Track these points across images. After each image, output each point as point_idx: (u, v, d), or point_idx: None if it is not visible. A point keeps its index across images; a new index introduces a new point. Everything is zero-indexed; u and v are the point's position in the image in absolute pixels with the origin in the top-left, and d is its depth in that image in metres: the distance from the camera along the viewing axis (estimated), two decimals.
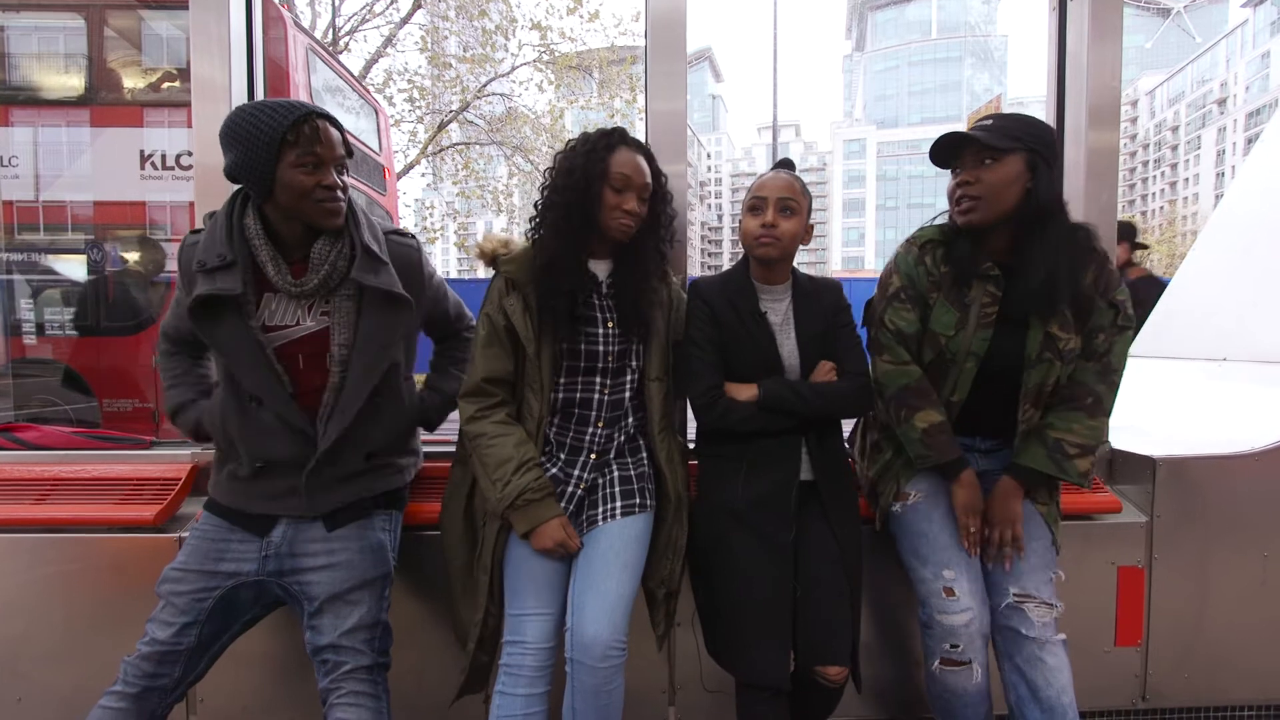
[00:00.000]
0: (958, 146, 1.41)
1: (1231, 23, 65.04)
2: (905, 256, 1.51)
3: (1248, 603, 1.81)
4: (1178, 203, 64.35)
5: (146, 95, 4.16)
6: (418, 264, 1.44)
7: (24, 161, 4.03)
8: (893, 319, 1.48)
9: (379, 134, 5.95)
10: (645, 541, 1.42)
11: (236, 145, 1.21)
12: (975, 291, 1.43)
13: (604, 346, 1.43)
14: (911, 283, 1.48)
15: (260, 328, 1.28)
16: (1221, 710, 1.86)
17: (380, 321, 1.32)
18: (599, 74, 11.52)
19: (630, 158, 1.39)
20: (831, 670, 1.35)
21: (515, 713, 1.27)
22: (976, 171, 1.38)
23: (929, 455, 1.43)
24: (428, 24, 10.97)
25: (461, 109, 11.33)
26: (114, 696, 1.25)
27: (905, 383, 1.46)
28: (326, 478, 1.33)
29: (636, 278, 1.43)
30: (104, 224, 4.08)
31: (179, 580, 1.30)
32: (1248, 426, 1.94)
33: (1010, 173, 1.36)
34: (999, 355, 1.43)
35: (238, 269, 1.24)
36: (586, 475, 1.43)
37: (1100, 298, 1.41)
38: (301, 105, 1.22)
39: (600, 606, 1.28)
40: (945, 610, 1.37)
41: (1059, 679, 1.34)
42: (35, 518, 1.68)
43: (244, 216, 1.27)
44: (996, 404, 1.46)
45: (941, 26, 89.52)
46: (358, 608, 1.32)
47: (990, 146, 1.35)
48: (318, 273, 1.27)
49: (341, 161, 1.27)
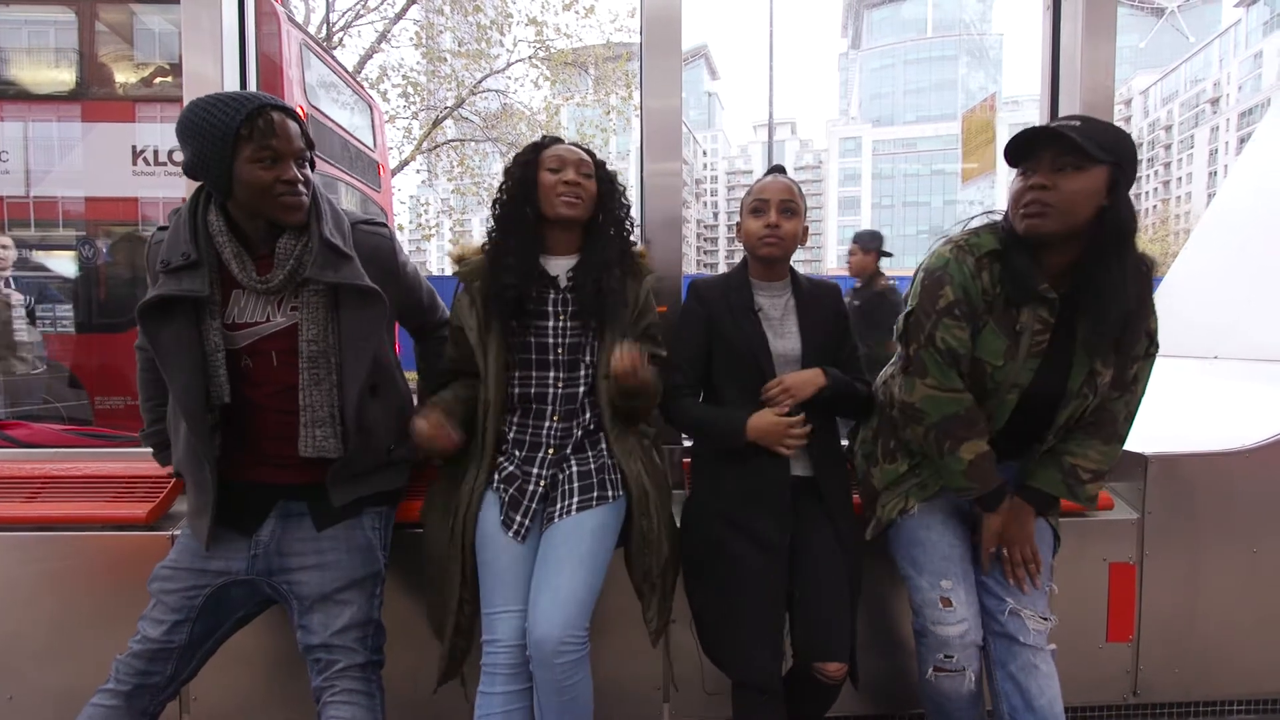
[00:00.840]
0: (1037, 144, 1.25)
1: (1225, 22, 65.35)
2: (959, 266, 1.31)
3: (1238, 598, 1.82)
4: (1170, 201, 64.67)
5: (138, 90, 4.13)
6: (389, 251, 1.40)
7: (14, 157, 4.00)
8: (945, 337, 1.30)
9: (373, 130, 5.92)
10: (608, 533, 1.42)
11: (191, 141, 1.17)
12: (1026, 318, 1.30)
13: (553, 339, 1.46)
14: (967, 297, 1.30)
15: (227, 325, 1.25)
16: (1212, 705, 1.87)
17: (359, 316, 1.30)
18: (594, 71, 11.49)
19: (563, 146, 1.50)
20: (831, 667, 1.36)
21: (495, 711, 1.29)
22: (1055, 177, 1.23)
23: (972, 488, 1.35)
24: (422, 19, 10.92)
25: (456, 105, 11.29)
26: (106, 695, 1.24)
27: (954, 411, 1.32)
28: (347, 476, 1.32)
29: (597, 265, 1.46)
30: (96, 220, 4.05)
31: (170, 578, 1.29)
32: (1239, 423, 1.95)
33: (1091, 186, 1.21)
34: (1040, 386, 1.33)
35: (204, 269, 1.20)
36: (545, 472, 1.44)
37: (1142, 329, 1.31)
38: (256, 97, 1.18)
39: (551, 603, 1.28)
40: (941, 621, 1.36)
41: (1051, 688, 1.34)
42: (26, 516, 1.67)
43: (207, 213, 1.23)
44: (1021, 431, 1.39)
45: (937, 25, 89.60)
46: (348, 607, 1.31)
47: (1080, 151, 1.19)
48: (283, 268, 1.23)
49: (301, 154, 1.23)
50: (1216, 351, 2.48)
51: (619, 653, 1.70)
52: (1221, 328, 2.52)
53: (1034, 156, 1.26)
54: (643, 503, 1.45)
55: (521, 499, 1.41)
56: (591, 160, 1.51)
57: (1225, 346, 2.46)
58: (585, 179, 1.47)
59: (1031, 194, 1.24)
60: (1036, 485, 1.41)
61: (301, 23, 8.85)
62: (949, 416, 1.33)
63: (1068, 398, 1.32)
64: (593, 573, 1.35)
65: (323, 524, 1.33)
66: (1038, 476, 1.41)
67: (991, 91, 47.38)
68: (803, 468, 1.50)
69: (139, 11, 4.15)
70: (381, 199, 5.93)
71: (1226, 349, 2.45)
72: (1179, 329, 2.74)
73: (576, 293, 1.46)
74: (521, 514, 1.40)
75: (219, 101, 1.17)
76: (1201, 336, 2.58)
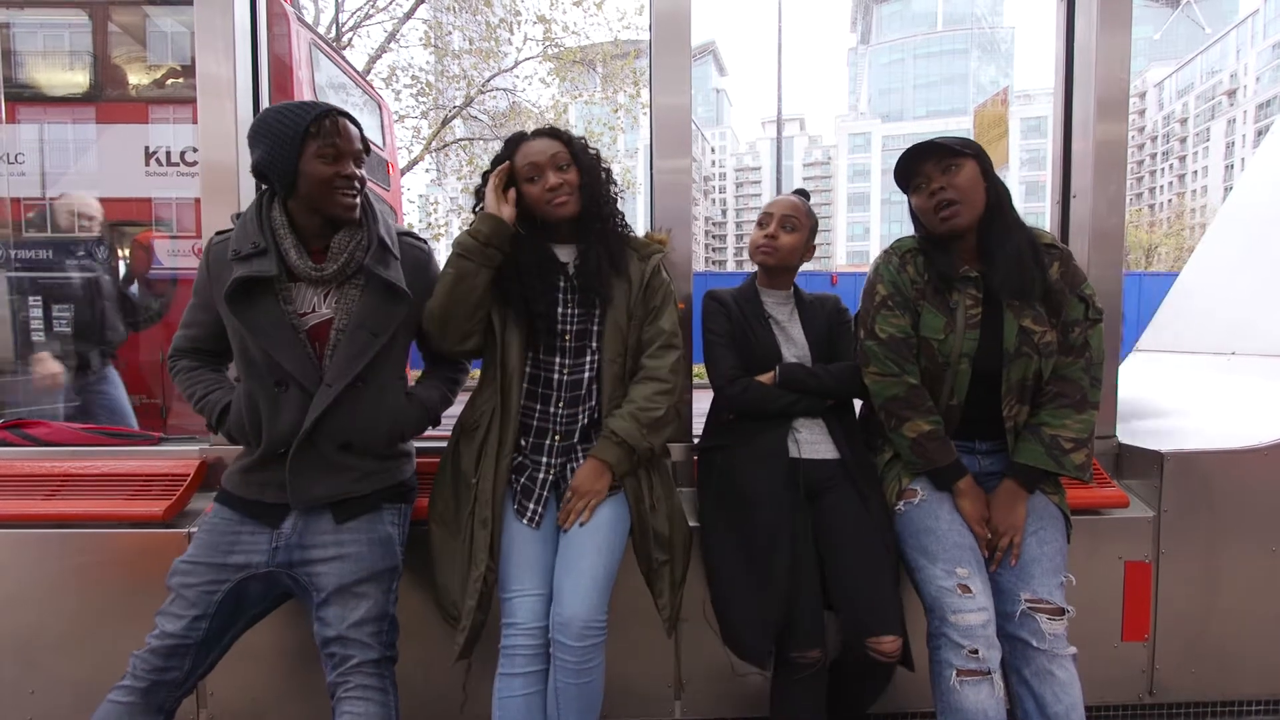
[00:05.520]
0: (915, 163, 1.48)
1: (1242, 13, 64.32)
2: (886, 265, 1.54)
3: (1255, 597, 1.80)
4: (1186, 195, 63.82)
5: (151, 91, 4.17)
6: (425, 266, 1.49)
7: (30, 159, 4.05)
8: (883, 326, 1.49)
9: (383, 130, 5.95)
10: (620, 522, 1.45)
11: (264, 140, 1.28)
12: (958, 296, 1.47)
13: (562, 325, 1.49)
14: (897, 289, 1.51)
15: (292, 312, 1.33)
16: (1229, 705, 1.86)
17: (374, 308, 1.35)
18: (603, 69, 11.48)
19: (532, 149, 1.47)
20: (885, 641, 1.34)
21: (515, 693, 1.33)
22: (945, 177, 1.44)
23: (919, 462, 1.48)
24: (431, 19, 10.95)
25: (465, 104, 11.33)
26: (122, 691, 1.26)
27: (894, 394, 1.49)
28: (307, 463, 1.33)
29: (590, 247, 1.49)
30: (109, 221, 4.09)
31: (189, 573, 1.31)
32: (1256, 421, 1.93)
33: (973, 174, 1.43)
34: (988, 354, 1.45)
35: (271, 254, 1.31)
36: (554, 460, 1.47)
37: (1069, 291, 1.46)
38: (323, 104, 1.32)
39: (576, 587, 1.34)
40: (960, 609, 1.32)
41: (1068, 695, 1.31)
42: (46, 513, 1.69)
43: (270, 210, 1.35)
44: (992, 405, 1.47)
45: (947, 18, 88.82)
46: (365, 600, 1.33)
47: (953, 151, 1.43)
48: (336, 260, 1.34)
49: (359, 155, 1.35)
50: (1234, 348, 2.44)
51: (631, 649, 1.70)
52: (1239, 324, 2.48)
53: (918, 174, 1.49)
54: (638, 491, 1.47)
55: (534, 487, 1.45)
56: (565, 145, 1.48)
57: (1243, 343, 2.42)
58: (564, 171, 1.46)
59: (937, 197, 1.45)
60: (1021, 461, 1.44)
61: (311, 23, 8.91)
62: (890, 398, 1.49)
63: (1008, 357, 1.43)
64: (612, 559, 1.40)
65: (342, 518, 1.36)
66: (1021, 452, 1.45)
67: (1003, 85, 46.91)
68: (829, 450, 1.57)
69: (152, 13, 4.19)
70: (391, 198, 5.96)
71: (1244, 345, 2.41)
72: (1195, 325, 2.71)
73: (581, 274, 1.49)
74: (534, 501, 1.44)
75: (290, 106, 1.30)
76: (1218, 333, 2.54)
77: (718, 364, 1.64)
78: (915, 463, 1.48)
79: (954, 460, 1.46)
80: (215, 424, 1.39)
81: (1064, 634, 1.35)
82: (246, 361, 1.35)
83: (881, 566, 1.42)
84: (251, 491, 1.36)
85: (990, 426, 1.49)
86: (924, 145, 1.45)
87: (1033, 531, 1.43)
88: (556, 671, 1.32)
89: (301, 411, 1.31)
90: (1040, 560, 1.40)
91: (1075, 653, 1.35)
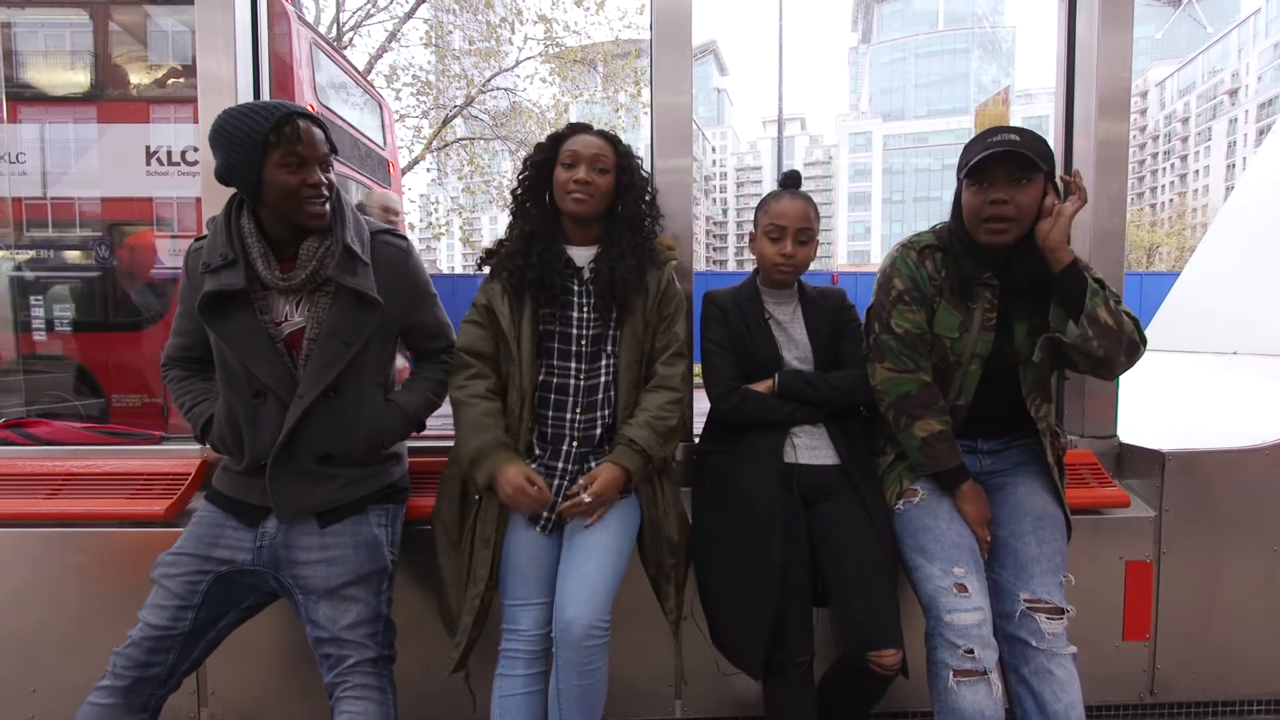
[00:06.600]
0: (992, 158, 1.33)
1: (1243, 12, 64.20)
2: (904, 259, 1.49)
3: (1257, 597, 1.80)
4: (1187, 195, 63.69)
5: (152, 91, 4.17)
6: (401, 263, 1.43)
7: (31, 158, 4.05)
8: (899, 322, 1.46)
9: (383, 129, 5.95)
10: (629, 526, 1.45)
11: (223, 147, 1.24)
12: (976, 298, 1.44)
13: (577, 330, 1.47)
14: (915, 284, 1.47)
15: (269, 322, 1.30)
16: (1230, 704, 1.85)
17: (345, 316, 1.32)
18: (603, 68, 11.47)
19: (581, 138, 1.47)
20: (886, 655, 1.33)
21: (516, 691, 1.34)
22: (1011, 191, 1.34)
23: (926, 464, 1.46)
24: (431, 18, 10.95)
25: (466, 104, 11.32)
26: (103, 692, 1.23)
27: (907, 390, 1.45)
28: (287, 474, 1.31)
29: (613, 255, 1.46)
30: (111, 220, 4.09)
31: (172, 564, 1.30)
32: (1258, 420, 1.92)
33: (1038, 193, 1.35)
34: (1000, 356, 1.44)
35: (240, 266, 1.28)
36: (570, 467, 1.45)
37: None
38: (283, 106, 1.25)
39: (580, 589, 1.32)
40: (956, 608, 1.32)
41: (1068, 694, 1.30)
42: (47, 512, 1.70)
43: (240, 218, 1.31)
44: (997, 405, 1.47)
45: (948, 18, 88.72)
46: (355, 603, 1.32)
47: (1031, 165, 1.32)
48: (305, 268, 1.30)
49: (325, 160, 1.30)
50: (1235, 347, 2.44)
51: (632, 649, 1.70)
52: (1240, 324, 2.48)
53: (987, 170, 1.35)
54: (651, 497, 1.48)
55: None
56: (613, 149, 1.49)
57: (1244, 342, 2.42)
58: (599, 175, 1.45)
59: (993, 209, 1.35)
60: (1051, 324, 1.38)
61: (312, 23, 8.91)
62: (903, 395, 1.45)
63: (1021, 359, 1.42)
64: (618, 562, 1.39)
65: (325, 521, 1.34)
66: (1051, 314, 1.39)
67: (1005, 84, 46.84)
68: (829, 455, 1.54)
69: (153, 13, 4.19)
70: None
71: (1246, 345, 2.41)
72: (1197, 324, 2.71)
73: (596, 282, 1.47)
74: (548, 509, 1.42)
75: (249, 110, 1.24)
76: (1220, 332, 2.54)
77: (714, 374, 1.59)
78: (922, 464, 1.46)
79: (959, 464, 1.45)
80: (200, 436, 1.40)
81: (1063, 633, 1.35)
82: (226, 371, 1.32)
83: (882, 576, 1.41)
84: (238, 491, 1.35)
85: (996, 426, 1.49)
86: (1004, 153, 1.32)
87: (1032, 531, 1.42)
88: (559, 673, 1.31)
89: (280, 423, 1.30)
90: (1039, 560, 1.39)
91: (1075, 652, 1.35)
